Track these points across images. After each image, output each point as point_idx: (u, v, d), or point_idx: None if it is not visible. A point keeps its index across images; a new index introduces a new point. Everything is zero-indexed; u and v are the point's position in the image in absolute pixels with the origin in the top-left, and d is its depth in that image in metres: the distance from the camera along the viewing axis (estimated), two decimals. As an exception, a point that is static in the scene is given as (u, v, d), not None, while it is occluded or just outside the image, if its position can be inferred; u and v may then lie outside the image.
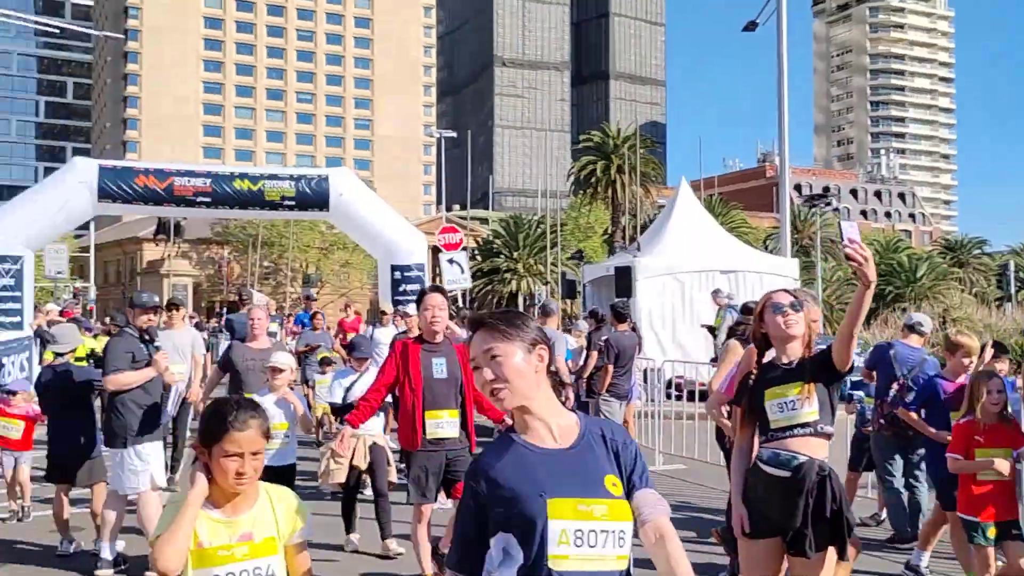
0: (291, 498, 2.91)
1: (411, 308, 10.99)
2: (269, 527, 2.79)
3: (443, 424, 5.96)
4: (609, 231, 67.35)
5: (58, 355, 7.42)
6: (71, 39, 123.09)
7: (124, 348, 6.67)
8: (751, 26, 22.42)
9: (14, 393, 8.50)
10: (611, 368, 10.59)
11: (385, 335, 12.22)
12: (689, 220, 20.29)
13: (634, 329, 11.86)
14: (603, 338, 10.96)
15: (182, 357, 9.63)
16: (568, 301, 26.35)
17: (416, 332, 10.09)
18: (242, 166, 67.45)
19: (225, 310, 55.17)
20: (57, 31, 48.79)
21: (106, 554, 6.79)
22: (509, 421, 5.98)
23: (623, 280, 17.50)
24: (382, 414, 7.39)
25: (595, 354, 10.91)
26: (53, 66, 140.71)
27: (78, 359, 7.57)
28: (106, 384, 6.62)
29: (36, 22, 42.03)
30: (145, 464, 6.69)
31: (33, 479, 9.11)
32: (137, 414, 6.68)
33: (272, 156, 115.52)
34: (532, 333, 2.52)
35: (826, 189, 62.92)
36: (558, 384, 2.54)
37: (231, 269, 73.06)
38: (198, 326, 20.18)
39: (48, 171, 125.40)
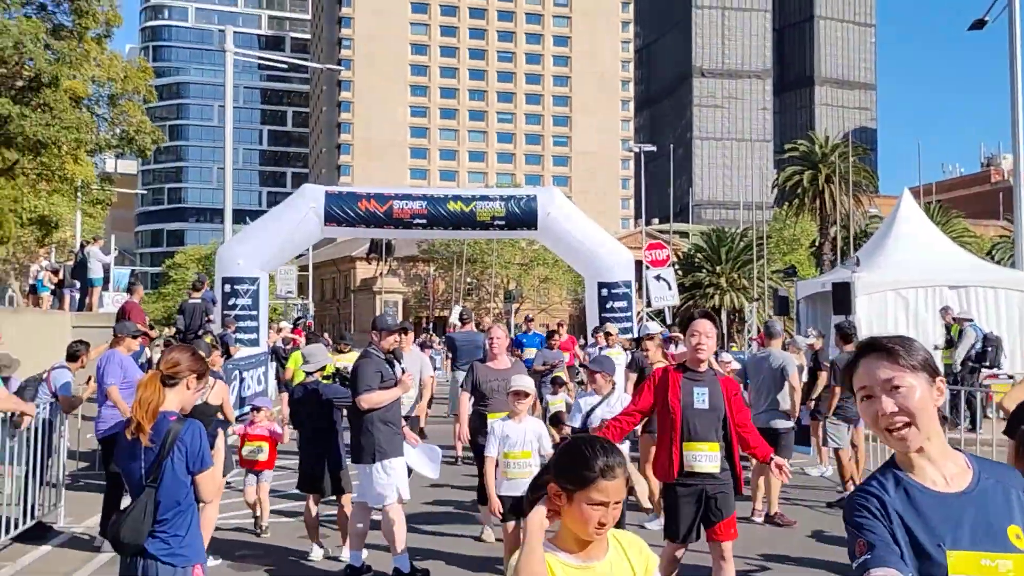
0: (640, 543, 2.76)
1: (652, 326, 10.88)
2: (627, 574, 2.64)
3: (702, 457, 5.62)
4: (817, 243, 64.84)
5: (308, 373, 7.92)
6: (291, 71, 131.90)
7: (373, 368, 7.06)
8: (979, 24, 21.12)
9: (258, 409, 8.87)
10: (838, 390, 10.20)
11: (616, 356, 12.04)
12: (912, 231, 19.21)
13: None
14: (829, 358, 10.59)
15: (412, 382, 9.82)
16: (780, 318, 25.59)
17: (650, 355, 9.95)
18: (453, 188, 69.97)
19: (431, 327, 57.33)
20: (279, 65, 52.27)
21: (353, 561, 7.21)
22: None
23: (842, 296, 16.79)
24: (628, 441, 7.22)
25: (823, 375, 10.57)
26: (275, 97, 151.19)
27: (325, 377, 8.02)
28: (359, 403, 7.00)
29: (260, 58, 45.43)
30: (391, 479, 7.04)
31: (278, 492, 9.76)
32: (384, 431, 7.04)
33: (474, 175, 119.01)
34: (932, 362, 2.26)
35: (1061, 194, 57.79)
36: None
37: (436, 285, 75.75)
38: (422, 346, 20.85)
39: (271, 195, 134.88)
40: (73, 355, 9.20)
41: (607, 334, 13.72)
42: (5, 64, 25.14)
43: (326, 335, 37.39)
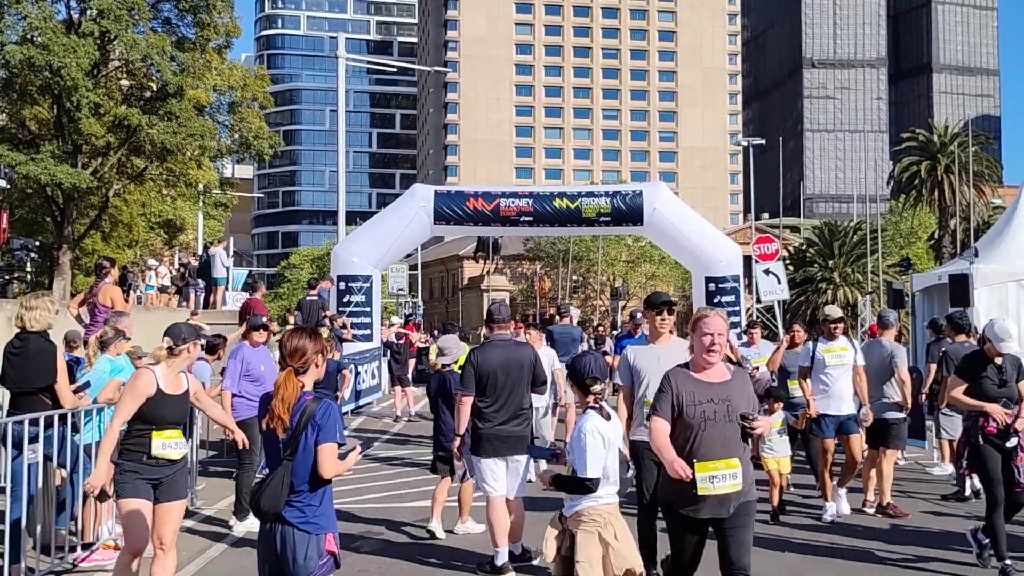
0: None
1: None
2: None
3: None
4: (936, 236, 62.65)
5: (444, 365, 8.35)
6: (398, 75, 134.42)
7: None
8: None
9: None
10: (951, 381, 10.01)
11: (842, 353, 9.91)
12: (1035, 221, 18.46)
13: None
14: (941, 350, 10.40)
15: None
16: (895, 311, 24.89)
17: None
18: (559, 185, 70.17)
19: (540, 324, 57.81)
20: (387, 69, 53.58)
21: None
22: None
23: (959, 289, 16.28)
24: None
25: (934, 367, 10.39)
26: (383, 100, 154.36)
27: (461, 367, 8.42)
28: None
29: (370, 62, 46.62)
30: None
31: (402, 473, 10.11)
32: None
33: (579, 173, 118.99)
34: None
35: None
36: None
37: (543, 283, 76.10)
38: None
39: (380, 197, 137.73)
40: (211, 348, 9.80)
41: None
42: (134, 76, 26.60)
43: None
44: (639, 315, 12.69)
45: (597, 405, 5.12)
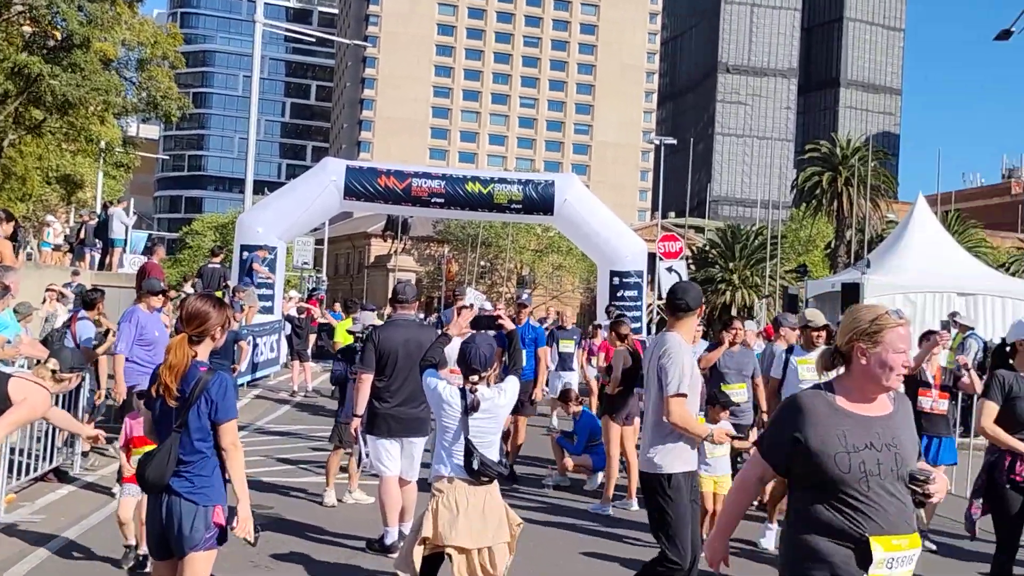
0: None
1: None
2: None
3: None
4: (832, 245, 64.82)
5: (357, 336, 8.43)
6: (316, 45, 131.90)
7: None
8: (1005, 35, 21.18)
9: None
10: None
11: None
12: (925, 237, 19.36)
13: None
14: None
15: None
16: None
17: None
18: (472, 169, 70.11)
19: (443, 306, 57.70)
20: (305, 38, 52.58)
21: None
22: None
23: (850, 297, 16.94)
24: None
25: (819, 371, 10.68)
26: (299, 70, 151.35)
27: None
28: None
29: (288, 30, 45.70)
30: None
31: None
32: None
33: (493, 159, 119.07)
34: None
35: (1081, 209, 57.61)
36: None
37: (450, 267, 75.98)
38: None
39: (290, 168, 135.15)
40: (91, 303, 9.50)
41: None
42: (38, 23, 25.47)
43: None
44: (525, 296, 12.52)
45: (471, 389, 5.19)
